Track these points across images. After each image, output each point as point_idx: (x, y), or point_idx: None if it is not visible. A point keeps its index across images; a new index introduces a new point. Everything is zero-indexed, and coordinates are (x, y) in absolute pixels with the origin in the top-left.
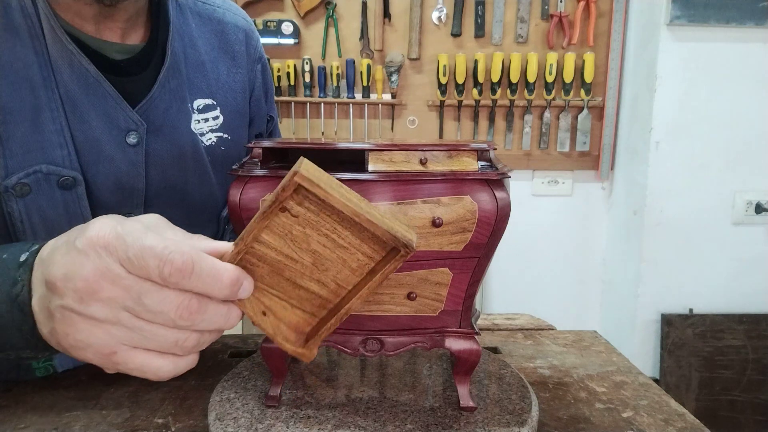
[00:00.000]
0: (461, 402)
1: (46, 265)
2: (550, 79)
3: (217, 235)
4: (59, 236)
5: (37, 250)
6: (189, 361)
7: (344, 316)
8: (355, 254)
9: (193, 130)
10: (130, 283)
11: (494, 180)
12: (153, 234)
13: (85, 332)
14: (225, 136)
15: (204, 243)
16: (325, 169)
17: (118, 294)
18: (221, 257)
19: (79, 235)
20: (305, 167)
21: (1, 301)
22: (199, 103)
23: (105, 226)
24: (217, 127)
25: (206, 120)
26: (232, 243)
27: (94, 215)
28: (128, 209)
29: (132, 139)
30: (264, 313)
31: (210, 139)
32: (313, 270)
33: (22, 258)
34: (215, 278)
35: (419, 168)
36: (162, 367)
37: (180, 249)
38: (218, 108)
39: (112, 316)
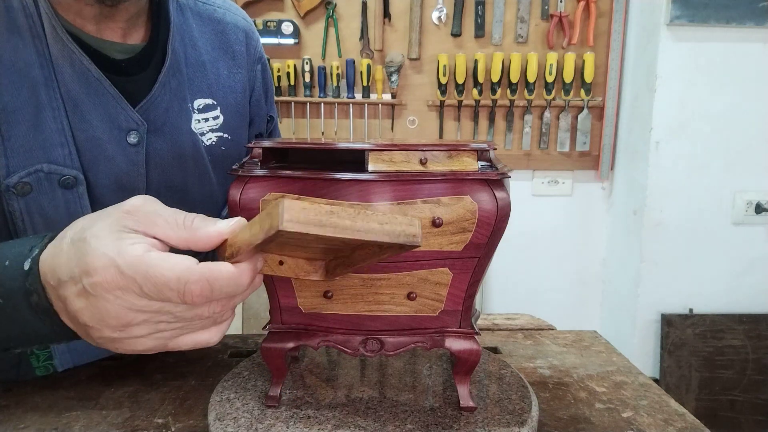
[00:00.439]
0: (461, 402)
1: (66, 305)
2: (550, 79)
3: None
4: (55, 240)
5: (37, 256)
6: (229, 323)
7: (364, 238)
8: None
9: (194, 129)
10: (158, 306)
11: (494, 180)
12: (155, 254)
13: (134, 345)
14: (225, 136)
15: (204, 228)
16: (325, 169)
17: (151, 316)
18: (227, 243)
19: (84, 274)
20: (288, 214)
21: (24, 316)
22: (200, 102)
23: (107, 266)
24: (217, 126)
25: (206, 120)
26: (232, 221)
27: None
28: None
29: (132, 138)
30: (281, 263)
31: (210, 138)
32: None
33: (27, 266)
34: (236, 286)
35: (419, 168)
36: (211, 337)
37: (192, 277)
38: (218, 108)
39: (153, 330)
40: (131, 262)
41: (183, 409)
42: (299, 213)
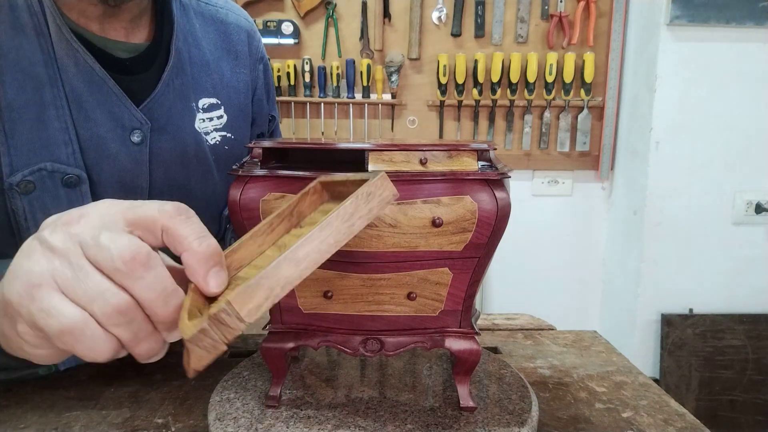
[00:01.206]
0: (461, 402)
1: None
2: (550, 79)
3: (219, 235)
4: None
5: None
6: (155, 352)
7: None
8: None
9: (198, 129)
10: (94, 224)
11: (494, 180)
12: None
13: (33, 259)
14: (229, 135)
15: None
16: (326, 169)
17: (85, 230)
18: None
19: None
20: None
21: None
22: (204, 102)
23: (73, 213)
24: (221, 126)
25: (210, 119)
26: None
27: None
28: None
29: (136, 137)
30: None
31: (214, 138)
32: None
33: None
34: (162, 277)
35: (419, 168)
36: (71, 315)
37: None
38: (222, 107)
39: (66, 248)
40: (97, 209)
41: (183, 409)
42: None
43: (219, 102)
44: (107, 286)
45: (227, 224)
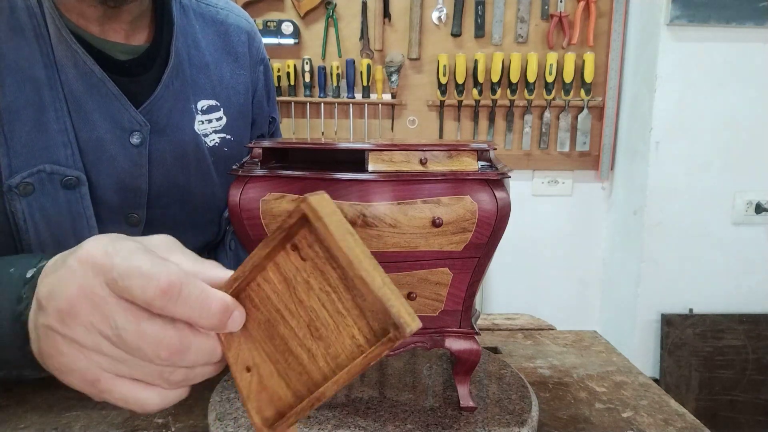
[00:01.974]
0: (461, 402)
1: (39, 281)
2: (550, 79)
3: (219, 236)
4: (54, 259)
5: (44, 265)
6: (178, 394)
7: (316, 402)
8: (351, 327)
9: (197, 130)
10: (110, 309)
11: (494, 180)
12: (148, 255)
13: (68, 356)
14: (228, 137)
15: (211, 271)
16: (326, 169)
17: (97, 319)
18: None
19: (73, 251)
20: (317, 199)
21: (4, 317)
22: (203, 104)
23: (98, 244)
24: (220, 128)
25: (210, 121)
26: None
27: (97, 215)
28: (131, 209)
29: (135, 139)
30: (248, 369)
31: (213, 140)
32: (307, 333)
33: (29, 274)
34: (203, 304)
35: (419, 168)
36: (148, 399)
37: (169, 270)
38: (221, 109)
39: (93, 343)
40: (121, 248)
41: (183, 409)
42: (327, 205)
43: (218, 104)
44: (161, 369)
45: (227, 226)
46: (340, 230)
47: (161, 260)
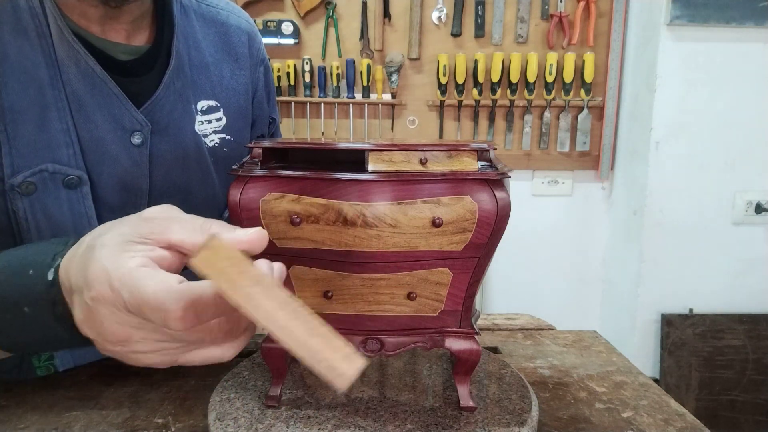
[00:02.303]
0: (461, 402)
1: (77, 320)
2: (550, 79)
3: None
4: (74, 247)
5: (58, 266)
6: (249, 336)
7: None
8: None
9: (197, 131)
10: (152, 326)
11: (494, 180)
12: (145, 270)
13: (140, 359)
14: (228, 137)
15: (220, 236)
16: (325, 169)
17: (148, 334)
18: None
19: (85, 286)
20: (204, 256)
21: (48, 317)
22: (203, 104)
23: (102, 279)
24: (220, 128)
25: (209, 121)
26: (251, 231)
27: (98, 215)
28: (131, 209)
29: (136, 139)
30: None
31: (213, 140)
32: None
33: (50, 277)
34: (224, 308)
35: (419, 168)
36: (223, 354)
37: (170, 298)
38: (221, 110)
39: (156, 347)
40: (122, 276)
41: (183, 409)
42: (220, 256)
43: (218, 104)
44: (221, 335)
45: (226, 222)
46: (235, 286)
47: (165, 278)
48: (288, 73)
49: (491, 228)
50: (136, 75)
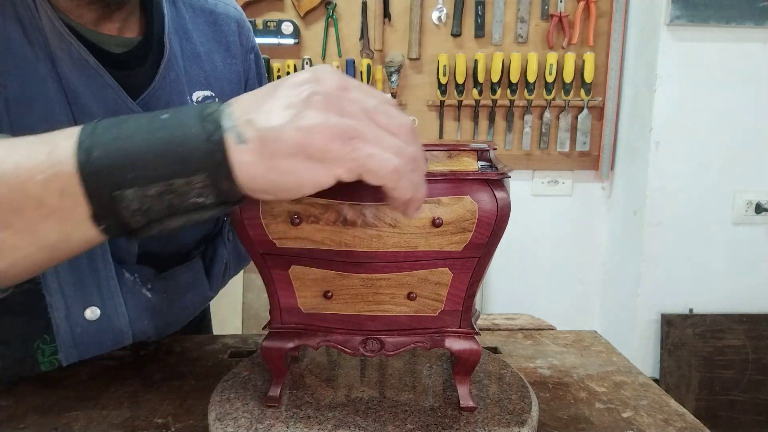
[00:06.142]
0: (461, 402)
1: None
2: (550, 79)
3: (216, 230)
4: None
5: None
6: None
7: None
8: None
9: None
10: (363, 94)
11: (494, 180)
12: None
13: (339, 112)
14: None
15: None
16: None
17: (360, 96)
18: None
19: (304, 81)
20: None
21: (192, 120)
22: (198, 95)
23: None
24: None
25: None
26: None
27: None
28: None
29: None
30: None
31: None
32: None
33: (208, 110)
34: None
35: None
36: (390, 159)
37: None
38: (216, 100)
39: (358, 112)
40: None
41: (183, 409)
42: None
43: (213, 94)
44: (401, 144)
45: (225, 218)
46: None
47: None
48: (288, 73)
49: (491, 228)
50: (130, 68)
